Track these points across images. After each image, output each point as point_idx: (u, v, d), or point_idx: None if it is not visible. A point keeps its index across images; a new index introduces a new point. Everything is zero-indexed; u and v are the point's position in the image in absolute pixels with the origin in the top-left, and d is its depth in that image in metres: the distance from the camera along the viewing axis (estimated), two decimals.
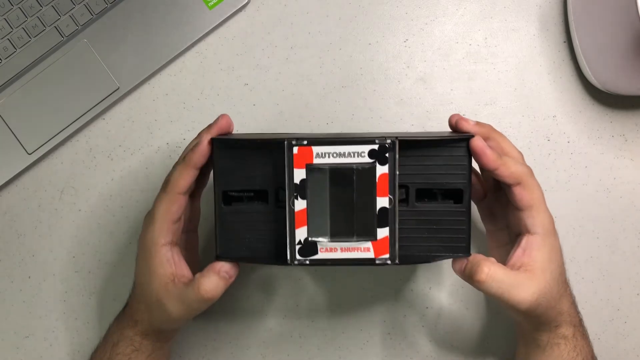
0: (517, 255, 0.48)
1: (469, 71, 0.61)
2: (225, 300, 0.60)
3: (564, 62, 0.61)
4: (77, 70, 0.60)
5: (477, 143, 0.46)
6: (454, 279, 0.60)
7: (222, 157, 0.47)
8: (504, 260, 0.50)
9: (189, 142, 0.53)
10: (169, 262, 0.48)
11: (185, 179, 0.48)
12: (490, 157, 0.46)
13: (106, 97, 0.60)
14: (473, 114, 0.60)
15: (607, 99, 0.60)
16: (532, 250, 0.48)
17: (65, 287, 0.61)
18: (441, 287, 0.60)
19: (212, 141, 0.47)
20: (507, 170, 0.47)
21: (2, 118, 0.59)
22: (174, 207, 0.48)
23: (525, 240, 0.48)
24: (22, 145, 0.60)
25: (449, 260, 0.59)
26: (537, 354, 0.52)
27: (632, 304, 0.60)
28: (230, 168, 0.47)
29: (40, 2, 0.59)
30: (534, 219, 0.48)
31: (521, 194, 0.47)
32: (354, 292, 0.60)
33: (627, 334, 0.60)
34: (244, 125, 0.60)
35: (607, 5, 0.54)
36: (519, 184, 0.47)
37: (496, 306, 0.60)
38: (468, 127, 0.49)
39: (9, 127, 0.59)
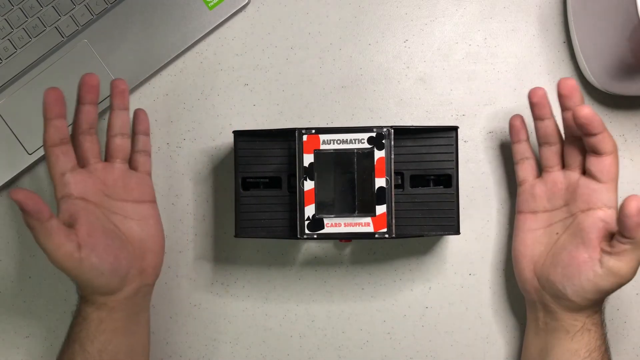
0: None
1: (468, 71, 0.61)
2: (226, 300, 0.60)
3: (563, 62, 0.61)
4: (77, 70, 0.60)
5: (586, 111, 0.48)
6: (454, 280, 0.60)
7: (242, 148, 0.53)
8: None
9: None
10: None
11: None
12: (599, 121, 0.48)
13: (106, 98, 0.60)
14: (473, 114, 0.60)
15: (606, 99, 0.60)
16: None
17: (66, 287, 0.61)
18: (441, 287, 0.60)
19: (234, 133, 0.53)
20: (609, 135, 0.49)
21: (2, 118, 0.59)
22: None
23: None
24: (22, 145, 0.60)
25: (448, 262, 0.60)
26: (564, 341, 0.51)
27: (632, 304, 0.60)
28: (248, 157, 0.53)
29: (40, 3, 0.59)
30: (614, 194, 0.49)
31: (612, 165, 0.49)
32: (353, 292, 0.60)
33: (627, 334, 0.60)
34: (244, 125, 0.60)
35: (606, 5, 0.54)
36: (612, 153, 0.49)
37: (496, 306, 0.60)
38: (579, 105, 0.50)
39: (9, 127, 0.59)
